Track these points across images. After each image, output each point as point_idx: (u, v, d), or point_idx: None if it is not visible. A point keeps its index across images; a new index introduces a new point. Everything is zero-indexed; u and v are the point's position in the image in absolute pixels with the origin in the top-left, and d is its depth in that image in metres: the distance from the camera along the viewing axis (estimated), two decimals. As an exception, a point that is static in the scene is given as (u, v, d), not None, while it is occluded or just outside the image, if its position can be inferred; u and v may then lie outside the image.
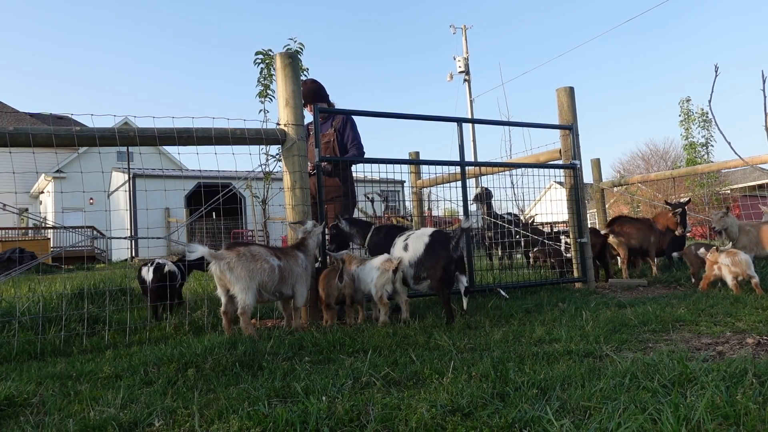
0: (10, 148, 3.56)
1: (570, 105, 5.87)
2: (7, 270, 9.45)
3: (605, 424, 1.68)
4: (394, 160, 4.97)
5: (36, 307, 4.22)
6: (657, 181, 14.67)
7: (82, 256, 18.27)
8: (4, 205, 3.83)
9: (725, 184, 20.76)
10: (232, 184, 5.36)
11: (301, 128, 4.15)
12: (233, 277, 3.42)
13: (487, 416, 1.82)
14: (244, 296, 3.41)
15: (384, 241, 4.32)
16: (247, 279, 3.43)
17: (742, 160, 5.43)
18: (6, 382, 2.50)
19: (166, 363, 2.78)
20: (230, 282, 3.43)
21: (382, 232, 4.47)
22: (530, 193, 6.11)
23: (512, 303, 4.43)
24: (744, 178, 24.26)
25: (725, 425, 1.67)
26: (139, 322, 4.03)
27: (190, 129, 3.89)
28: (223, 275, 3.44)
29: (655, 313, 3.63)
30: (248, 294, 3.42)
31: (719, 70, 3.26)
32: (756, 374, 2.05)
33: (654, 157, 32.39)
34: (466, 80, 24.13)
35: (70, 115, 4.07)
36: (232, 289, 3.45)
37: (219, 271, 3.44)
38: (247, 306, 3.42)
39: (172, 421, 1.96)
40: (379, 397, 2.07)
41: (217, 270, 3.44)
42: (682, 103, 21.10)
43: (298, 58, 4.43)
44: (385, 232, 4.46)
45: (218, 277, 3.48)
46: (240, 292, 3.41)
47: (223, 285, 3.49)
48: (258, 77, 6.33)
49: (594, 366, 2.37)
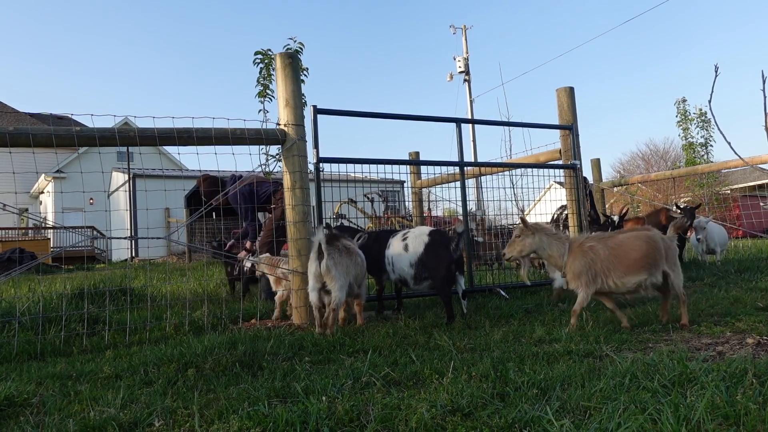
0: (10, 148, 3.56)
1: (570, 105, 5.87)
2: (7, 270, 9.45)
3: (605, 424, 1.68)
4: (394, 161, 4.97)
5: (36, 307, 4.22)
6: (657, 181, 14.67)
7: (82, 256, 18.26)
8: (4, 205, 3.82)
9: (725, 184, 20.78)
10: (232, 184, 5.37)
11: (301, 128, 4.15)
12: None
13: (487, 416, 1.82)
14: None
15: (370, 247, 4.28)
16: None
17: (742, 160, 5.43)
18: (6, 382, 2.49)
19: (166, 363, 2.78)
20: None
21: (370, 238, 4.43)
22: (530, 193, 6.12)
23: (512, 303, 4.43)
24: (744, 178, 24.28)
25: (725, 425, 1.67)
26: (139, 322, 4.03)
27: (190, 129, 3.89)
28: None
29: (655, 313, 3.63)
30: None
31: (719, 71, 3.25)
32: (756, 374, 2.05)
33: (654, 157, 32.43)
34: (466, 80, 24.12)
35: (70, 115, 4.06)
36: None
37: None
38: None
39: (172, 421, 1.96)
40: (379, 397, 2.07)
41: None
42: (678, 103, 21.14)
43: (298, 57, 4.43)
44: (374, 238, 4.41)
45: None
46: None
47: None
48: (258, 77, 6.33)
49: (594, 366, 2.37)
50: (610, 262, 3.37)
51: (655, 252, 3.37)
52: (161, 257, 18.24)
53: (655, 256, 3.36)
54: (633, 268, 3.34)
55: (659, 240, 3.41)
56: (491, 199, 10.68)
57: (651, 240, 3.40)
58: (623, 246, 3.41)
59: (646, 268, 3.34)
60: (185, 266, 10.61)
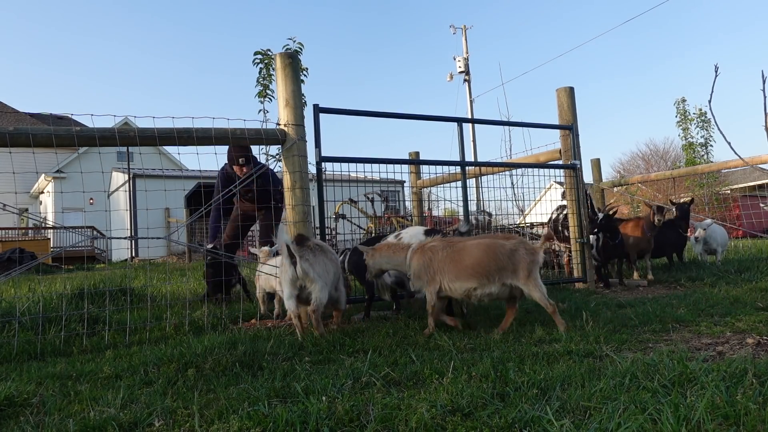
0: (10, 148, 3.56)
1: (570, 105, 5.87)
2: (7, 270, 9.45)
3: (605, 424, 1.68)
4: (397, 160, 4.97)
5: (36, 307, 4.21)
6: (657, 181, 14.67)
7: (82, 256, 18.27)
8: (4, 205, 3.82)
9: (725, 184, 20.79)
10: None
11: (301, 128, 4.15)
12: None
13: (487, 416, 1.82)
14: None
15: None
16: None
17: (742, 160, 5.43)
18: (6, 382, 2.49)
19: (166, 363, 2.78)
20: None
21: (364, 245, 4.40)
22: (530, 193, 6.12)
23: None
24: (744, 178, 24.29)
25: (725, 425, 1.67)
26: (139, 322, 4.03)
27: (190, 129, 3.89)
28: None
29: (655, 313, 3.63)
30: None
31: (719, 71, 3.25)
32: (756, 374, 2.05)
33: (654, 157, 32.45)
34: (466, 80, 24.14)
35: (70, 115, 4.06)
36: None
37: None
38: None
39: (172, 421, 1.96)
40: (379, 397, 2.07)
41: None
42: (678, 104, 21.16)
43: (297, 58, 4.44)
44: (367, 244, 4.38)
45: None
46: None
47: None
48: (257, 77, 6.34)
49: (594, 366, 2.37)
50: (446, 264, 3.31)
51: (490, 262, 3.21)
52: (161, 257, 18.25)
53: (489, 267, 3.21)
54: (463, 274, 3.25)
55: (500, 251, 3.23)
56: (491, 199, 10.68)
57: (489, 250, 3.25)
58: (462, 252, 3.31)
59: (476, 277, 3.22)
60: (185, 266, 10.60)
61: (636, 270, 6.44)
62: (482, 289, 3.25)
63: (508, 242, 3.29)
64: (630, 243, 6.27)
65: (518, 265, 3.22)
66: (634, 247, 6.32)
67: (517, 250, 3.24)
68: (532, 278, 3.22)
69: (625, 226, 6.39)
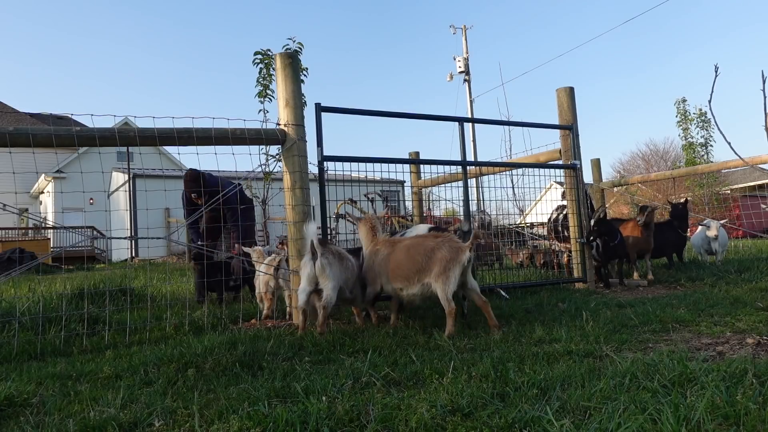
0: (10, 148, 3.56)
1: (570, 105, 5.87)
2: (7, 270, 9.45)
3: (605, 424, 1.68)
4: (398, 159, 4.96)
5: (36, 307, 4.21)
6: (657, 182, 14.68)
7: (82, 256, 18.27)
8: (4, 205, 3.82)
9: (725, 184, 20.79)
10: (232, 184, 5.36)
11: (301, 128, 4.15)
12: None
13: (487, 416, 1.82)
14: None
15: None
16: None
17: (742, 160, 5.42)
18: (6, 382, 2.49)
19: (166, 363, 2.78)
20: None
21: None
22: (530, 193, 6.12)
23: (512, 303, 4.43)
24: (744, 178, 24.29)
25: (725, 425, 1.66)
26: (139, 322, 4.03)
27: (190, 129, 3.89)
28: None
29: (655, 313, 3.63)
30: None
31: (719, 71, 3.24)
32: (756, 374, 2.05)
33: (654, 157, 32.44)
34: (466, 80, 24.13)
35: (70, 115, 4.07)
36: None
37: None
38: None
39: (172, 421, 1.96)
40: (379, 397, 2.07)
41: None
42: (678, 104, 21.16)
43: (297, 58, 4.43)
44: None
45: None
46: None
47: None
48: (257, 77, 6.34)
49: (594, 366, 2.37)
50: (385, 265, 3.31)
51: (409, 264, 3.19)
52: (161, 257, 18.24)
53: (410, 269, 3.19)
54: (392, 275, 3.26)
55: (419, 252, 3.20)
56: (491, 199, 10.68)
57: (409, 251, 3.22)
58: (393, 253, 3.30)
59: (400, 279, 3.21)
60: (185, 266, 10.60)
61: (636, 270, 6.44)
62: (407, 290, 3.27)
63: (430, 242, 3.27)
64: (630, 243, 6.26)
65: (433, 263, 3.22)
66: (634, 247, 6.32)
67: (437, 249, 3.22)
68: (444, 275, 3.19)
69: (624, 226, 6.39)
